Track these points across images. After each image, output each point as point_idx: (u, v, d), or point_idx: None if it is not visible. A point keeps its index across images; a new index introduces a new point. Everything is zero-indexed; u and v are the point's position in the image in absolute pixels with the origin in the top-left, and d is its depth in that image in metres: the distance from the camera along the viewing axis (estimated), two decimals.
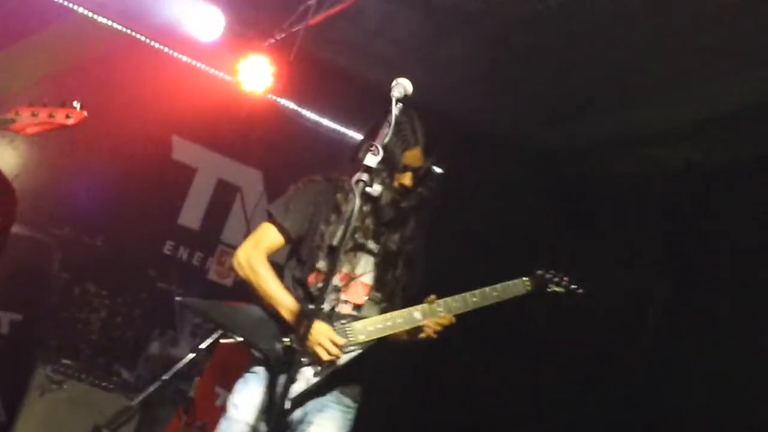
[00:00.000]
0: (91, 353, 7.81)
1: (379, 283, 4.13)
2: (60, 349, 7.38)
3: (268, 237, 4.11)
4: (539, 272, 4.36)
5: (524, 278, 4.30)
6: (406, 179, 4.06)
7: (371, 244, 4.12)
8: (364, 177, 3.28)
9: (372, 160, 3.31)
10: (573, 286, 4.40)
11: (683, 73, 5.63)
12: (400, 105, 3.46)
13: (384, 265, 4.13)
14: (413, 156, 4.06)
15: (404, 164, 4.05)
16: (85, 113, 4.18)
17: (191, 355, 6.03)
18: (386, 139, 3.38)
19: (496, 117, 7.50)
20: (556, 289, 4.37)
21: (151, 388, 5.92)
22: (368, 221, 4.09)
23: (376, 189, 3.31)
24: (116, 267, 8.06)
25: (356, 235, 4.07)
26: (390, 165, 3.99)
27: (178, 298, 5.36)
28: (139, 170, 8.06)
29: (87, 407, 6.68)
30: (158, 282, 8.22)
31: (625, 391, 6.17)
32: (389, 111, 3.44)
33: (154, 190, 8.19)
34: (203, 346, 6.14)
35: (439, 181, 4.31)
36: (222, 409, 4.10)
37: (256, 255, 4.05)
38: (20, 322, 7.29)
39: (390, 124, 3.40)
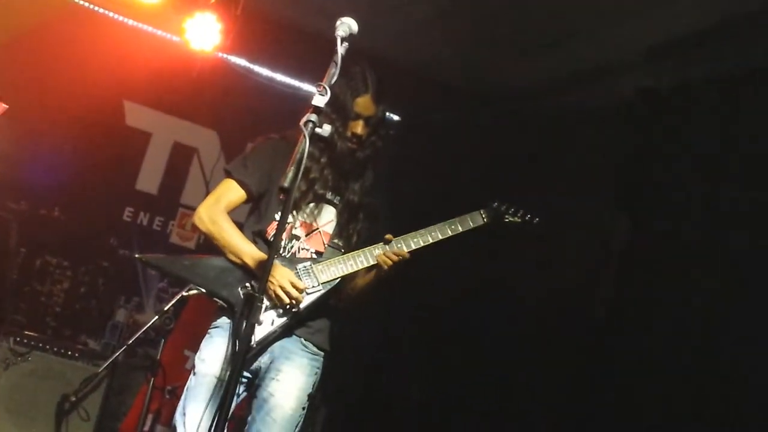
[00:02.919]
0: (56, 325, 7.77)
1: (340, 233, 4.16)
2: (24, 324, 7.33)
3: (228, 193, 4.15)
4: (495, 204, 4.38)
5: (480, 210, 4.32)
6: (359, 128, 4.08)
7: (331, 195, 4.14)
8: (313, 117, 3.26)
9: (320, 100, 3.30)
10: (528, 216, 4.41)
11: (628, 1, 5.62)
12: (345, 44, 3.43)
13: (345, 216, 4.16)
14: (364, 103, 4.08)
15: (356, 112, 4.07)
16: (6, 106, 4.14)
17: (155, 319, 6.00)
18: (333, 79, 3.35)
19: (446, 59, 7.44)
20: (513, 219, 4.40)
21: (117, 354, 5.89)
22: (326, 172, 4.11)
23: (325, 129, 3.29)
24: (76, 237, 8.01)
25: (316, 186, 4.10)
26: (341, 113, 4.05)
27: (137, 255, 5.33)
28: (92, 138, 7.98)
29: (53, 378, 6.66)
30: (120, 249, 8.18)
31: (588, 326, 6.20)
32: (336, 52, 3.41)
33: (109, 157, 8.10)
34: (167, 308, 6.12)
35: (394, 128, 4.30)
36: (191, 371, 4.10)
37: (216, 209, 4.10)
38: None
39: (336, 64, 3.37)
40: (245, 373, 3.95)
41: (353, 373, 7.54)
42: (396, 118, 7.68)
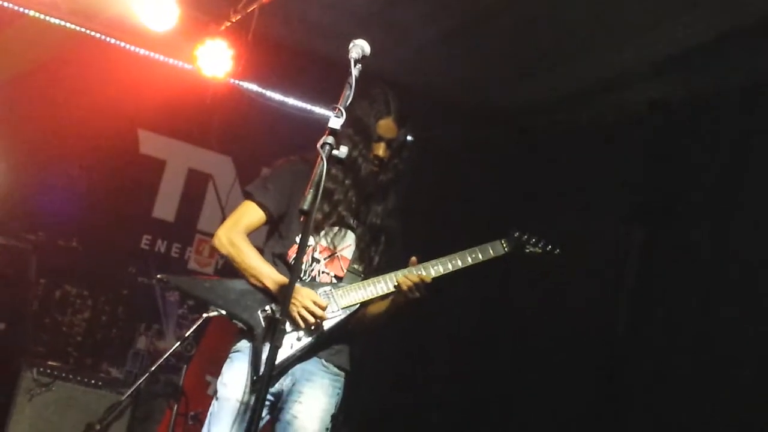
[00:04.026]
0: (78, 355, 7.80)
1: (360, 257, 4.16)
2: (46, 354, 7.36)
3: (248, 215, 4.15)
4: (516, 234, 4.37)
5: (501, 240, 4.31)
6: (380, 150, 4.09)
7: (352, 219, 4.14)
8: (329, 140, 3.28)
9: (336, 122, 3.31)
10: (549, 247, 4.41)
11: (637, 15, 5.65)
12: (359, 66, 3.45)
13: (366, 240, 4.16)
14: (386, 126, 4.09)
15: (378, 135, 4.08)
16: None
17: (177, 345, 6.02)
18: (348, 101, 3.37)
19: (457, 79, 7.49)
20: (534, 250, 4.39)
21: (140, 382, 5.91)
22: (350, 194, 4.11)
23: (342, 151, 3.30)
24: (95, 266, 8.05)
25: (339, 208, 4.10)
26: (364, 136, 4.06)
27: (158, 276, 5.36)
28: (108, 168, 8.04)
29: (77, 407, 6.68)
30: (139, 277, 8.21)
31: (608, 340, 6.20)
32: (350, 74, 3.43)
33: (125, 186, 8.15)
34: (188, 334, 6.14)
35: (412, 151, 4.31)
36: (214, 396, 4.11)
37: (235, 231, 4.09)
38: (3, 331, 7.24)
39: (351, 86, 3.40)
40: (268, 396, 3.95)
41: (374, 393, 7.53)
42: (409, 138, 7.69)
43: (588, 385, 6.34)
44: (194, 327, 5.74)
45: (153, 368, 5.82)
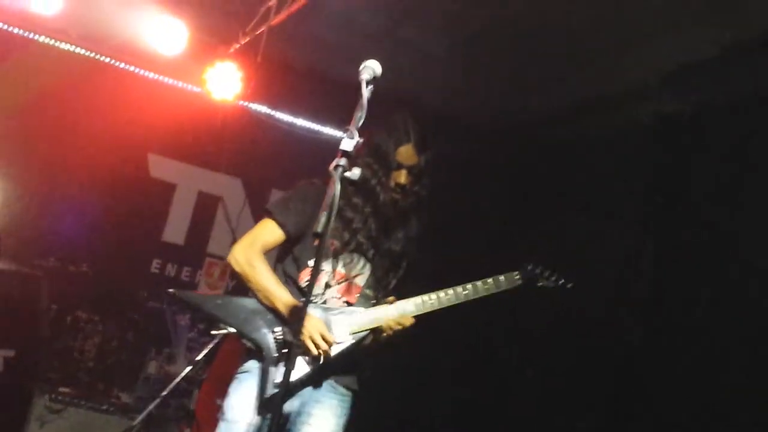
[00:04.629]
0: (88, 380, 7.77)
1: (375, 284, 4.14)
2: (57, 380, 7.34)
3: (266, 233, 4.11)
4: (529, 267, 4.36)
5: (514, 272, 4.30)
6: (402, 177, 4.06)
7: (368, 246, 4.11)
8: (342, 162, 3.24)
9: (348, 144, 3.27)
10: (562, 281, 4.40)
11: (643, 26, 5.67)
12: (370, 87, 3.42)
13: (383, 267, 4.14)
14: (406, 153, 4.06)
15: (398, 162, 4.05)
16: None
17: (188, 369, 6.00)
18: (360, 123, 3.34)
19: (466, 95, 7.49)
20: (546, 283, 4.38)
21: (151, 406, 5.89)
22: (370, 221, 4.08)
23: (355, 173, 3.27)
24: (105, 292, 8.03)
25: (359, 236, 4.07)
26: (384, 163, 4.04)
27: (169, 290, 5.34)
28: (118, 192, 8.04)
29: None
30: (149, 302, 8.20)
31: (625, 350, 6.20)
32: (362, 95, 3.40)
33: (135, 210, 8.16)
34: (199, 358, 6.12)
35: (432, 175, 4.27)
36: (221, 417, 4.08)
37: (252, 250, 4.06)
38: (14, 358, 7.21)
39: (363, 107, 3.37)
40: (279, 419, 3.91)
41: (383, 412, 7.50)
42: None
43: (601, 395, 6.36)
44: (206, 350, 5.71)
45: (164, 393, 5.80)
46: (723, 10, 5.24)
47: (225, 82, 7.23)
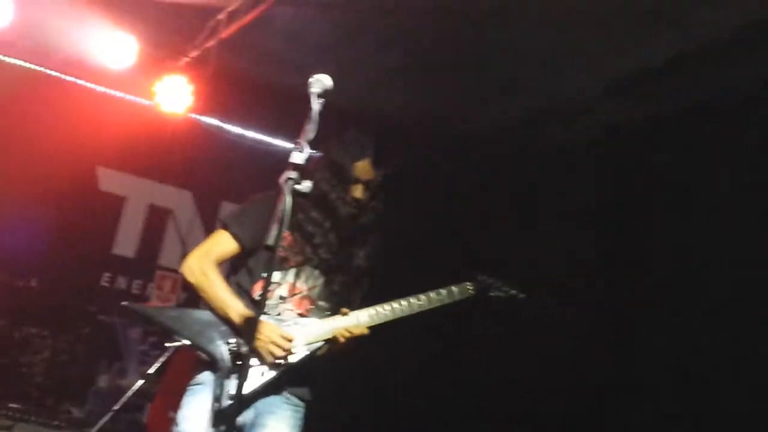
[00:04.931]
0: (38, 395, 7.70)
1: (329, 297, 4.15)
2: (6, 396, 7.26)
3: (221, 245, 4.11)
4: (482, 278, 4.42)
5: (467, 283, 4.36)
6: (358, 192, 4.08)
7: (331, 261, 4.13)
8: (292, 175, 3.27)
9: (298, 157, 3.30)
10: (514, 292, 4.47)
11: (590, 40, 5.80)
12: (321, 101, 3.45)
13: (339, 280, 4.16)
14: (363, 168, 4.08)
15: (355, 177, 4.07)
16: None
17: (140, 382, 5.98)
18: (310, 136, 3.37)
19: (416, 107, 7.56)
20: (498, 294, 4.45)
21: (103, 421, 5.86)
22: (330, 237, 4.11)
23: (305, 185, 3.30)
24: (55, 306, 7.97)
25: (320, 252, 4.09)
26: (341, 178, 4.06)
27: (124, 303, 5.33)
28: (67, 206, 8.00)
29: None
30: (99, 315, 8.13)
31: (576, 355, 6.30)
32: (312, 108, 3.43)
33: (84, 223, 8.12)
34: (151, 371, 6.11)
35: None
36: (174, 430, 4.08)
37: (207, 261, 4.05)
38: None
39: (313, 121, 3.40)
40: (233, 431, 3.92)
41: (336, 423, 7.52)
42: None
43: (557, 402, 6.44)
44: (158, 363, 5.70)
45: (117, 407, 5.79)
46: (666, 22, 5.37)
47: (175, 95, 7.23)
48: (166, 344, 5.43)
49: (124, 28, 7.09)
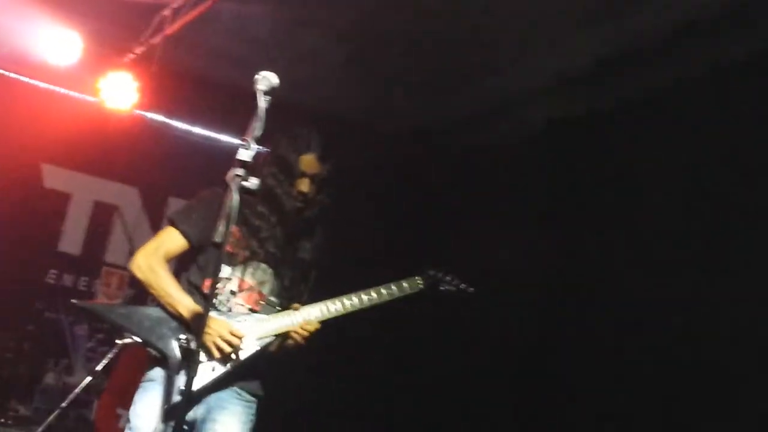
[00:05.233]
0: None
1: (280, 292, 4.20)
2: None
3: (169, 242, 4.13)
4: (431, 272, 4.50)
5: (417, 277, 4.43)
6: (304, 186, 4.12)
7: (278, 255, 4.17)
8: (239, 171, 3.31)
9: (245, 154, 3.33)
10: (463, 286, 4.55)
11: (531, 35, 5.92)
12: (267, 98, 3.48)
13: (289, 275, 4.21)
14: (308, 162, 4.12)
15: (301, 170, 4.11)
16: None
17: (88, 379, 5.97)
18: (256, 133, 3.40)
19: (363, 102, 7.62)
20: (448, 288, 4.52)
21: (50, 418, 5.85)
22: (277, 231, 4.15)
23: (253, 182, 3.34)
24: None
25: (267, 246, 4.13)
26: (287, 172, 4.10)
27: (73, 301, 5.32)
28: (11, 203, 7.90)
29: None
30: (46, 312, 8.09)
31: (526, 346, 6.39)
32: (258, 105, 3.46)
33: (29, 221, 8.04)
34: (99, 368, 6.10)
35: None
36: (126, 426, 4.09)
37: (155, 258, 4.08)
38: None
39: (260, 118, 3.43)
40: (183, 426, 3.95)
41: (288, 419, 7.54)
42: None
43: (508, 391, 6.57)
44: (106, 360, 5.70)
45: (64, 404, 5.77)
46: (609, 16, 5.49)
47: (120, 92, 7.21)
48: (117, 341, 5.43)
49: (68, 25, 7.04)
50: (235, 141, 8.07)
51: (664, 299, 5.41)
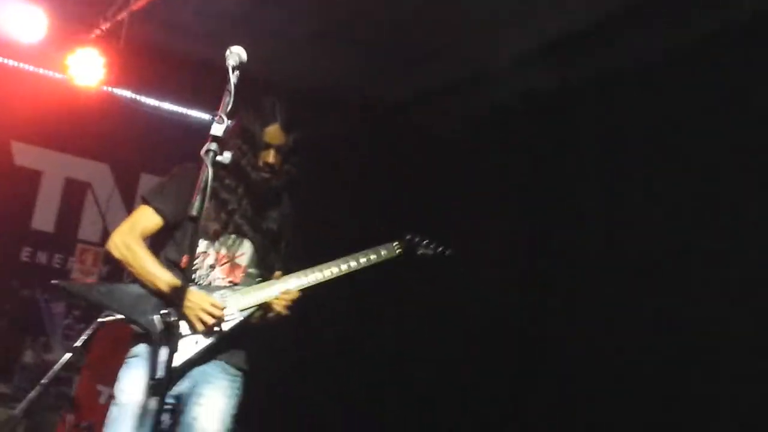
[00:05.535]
0: None
1: (258, 263, 4.24)
2: None
3: (144, 220, 4.15)
4: (408, 236, 4.55)
5: (394, 243, 4.49)
6: (270, 157, 4.14)
7: (248, 227, 4.20)
8: (213, 146, 3.34)
9: (218, 129, 3.37)
10: (440, 249, 4.61)
11: (504, 6, 5.90)
12: (237, 73, 3.51)
13: (263, 245, 4.24)
14: (273, 133, 4.14)
15: (265, 142, 4.13)
16: None
17: (67, 356, 5.98)
18: (228, 108, 3.43)
19: (332, 76, 7.62)
20: (425, 251, 4.58)
21: (32, 395, 5.86)
22: (244, 203, 4.18)
23: (226, 156, 3.37)
24: None
25: (235, 217, 4.16)
26: (252, 144, 4.12)
27: (54, 281, 5.32)
28: None
29: None
30: (21, 290, 8.09)
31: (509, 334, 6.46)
32: (229, 80, 3.49)
33: (1, 199, 8.01)
34: (78, 344, 6.11)
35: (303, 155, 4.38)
36: (108, 405, 4.13)
37: (132, 236, 4.10)
38: None
39: (230, 93, 3.46)
40: (168, 400, 3.99)
41: (270, 391, 7.60)
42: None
43: (492, 381, 6.61)
44: (86, 334, 5.71)
45: (45, 380, 5.78)
46: None
47: (87, 68, 7.18)
48: (99, 319, 5.44)
49: (33, 1, 7.01)
50: (205, 116, 8.11)
51: (642, 273, 5.46)
